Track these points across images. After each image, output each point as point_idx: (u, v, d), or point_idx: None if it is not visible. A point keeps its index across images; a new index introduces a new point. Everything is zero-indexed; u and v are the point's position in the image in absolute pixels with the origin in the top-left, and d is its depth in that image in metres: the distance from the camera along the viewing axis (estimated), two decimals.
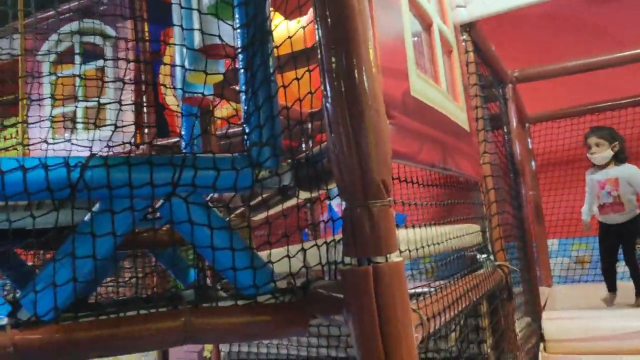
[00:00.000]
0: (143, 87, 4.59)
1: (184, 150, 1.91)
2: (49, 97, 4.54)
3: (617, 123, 4.34)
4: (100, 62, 4.87)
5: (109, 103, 1.82)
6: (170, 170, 1.29)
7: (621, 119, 4.46)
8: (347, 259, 1.17)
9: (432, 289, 1.52)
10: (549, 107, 4.82)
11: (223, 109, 2.98)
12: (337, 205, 3.08)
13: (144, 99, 4.66)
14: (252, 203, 1.58)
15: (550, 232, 4.75)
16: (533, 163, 4.71)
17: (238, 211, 1.75)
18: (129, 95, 4.70)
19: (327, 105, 1.10)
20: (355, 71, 1.07)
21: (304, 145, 1.77)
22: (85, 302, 1.45)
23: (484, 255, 2.28)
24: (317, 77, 1.23)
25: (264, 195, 1.43)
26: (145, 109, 4.54)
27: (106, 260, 1.30)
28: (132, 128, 4.77)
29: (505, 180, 3.07)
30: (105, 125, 1.72)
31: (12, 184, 1.18)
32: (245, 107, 1.42)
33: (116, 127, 1.43)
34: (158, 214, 1.38)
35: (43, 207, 1.32)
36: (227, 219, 1.45)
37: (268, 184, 1.39)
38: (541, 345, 3.02)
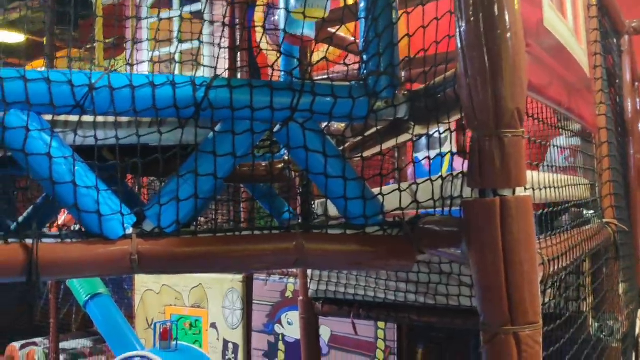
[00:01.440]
0: (237, 31, 4.61)
1: None
2: (149, 40, 4.70)
3: None
4: (197, 6, 4.96)
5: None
6: (290, 95, 1.28)
7: None
8: (468, 193, 1.14)
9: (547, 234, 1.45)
10: None
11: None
12: (426, 158, 2.98)
13: (238, 43, 4.69)
14: (356, 139, 1.56)
15: None
16: None
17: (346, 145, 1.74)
18: (223, 40, 4.76)
19: (461, 27, 1.05)
20: None
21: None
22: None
23: (591, 211, 2.16)
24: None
25: (378, 128, 1.41)
26: (238, 53, 4.58)
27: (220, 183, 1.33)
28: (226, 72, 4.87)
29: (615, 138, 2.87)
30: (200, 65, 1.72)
31: (141, 99, 1.23)
32: (364, 35, 1.39)
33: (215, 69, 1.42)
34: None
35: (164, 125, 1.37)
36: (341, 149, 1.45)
37: (383, 115, 1.36)
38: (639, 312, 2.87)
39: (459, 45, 1.06)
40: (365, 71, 1.36)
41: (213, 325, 4.69)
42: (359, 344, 3.92)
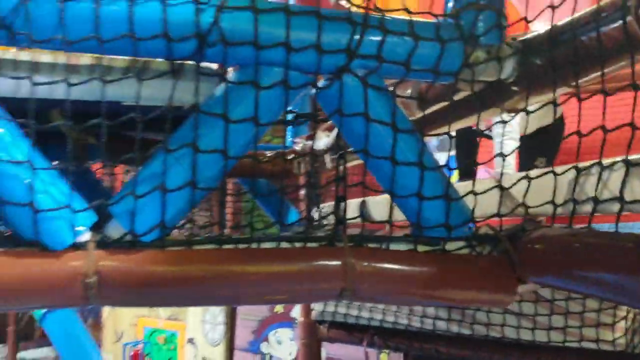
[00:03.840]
0: None
1: None
2: None
3: None
4: None
5: None
6: (347, 31, 0.82)
7: None
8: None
9: None
10: None
11: None
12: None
13: None
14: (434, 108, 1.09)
15: None
16: None
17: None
18: None
19: None
20: None
21: None
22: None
23: None
24: None
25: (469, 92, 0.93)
26: None
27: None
28: None
29: None
30: None
31: (109, 23, 0.74)
32: None
33: None
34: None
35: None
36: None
37: (481, 72, 0.90)
38: None
39: None
40: (457, 5, 0.90)
41: (190, 341, 4.18)
42: None
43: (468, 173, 2.24)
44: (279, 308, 3.80)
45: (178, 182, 0.79)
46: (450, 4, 1.00)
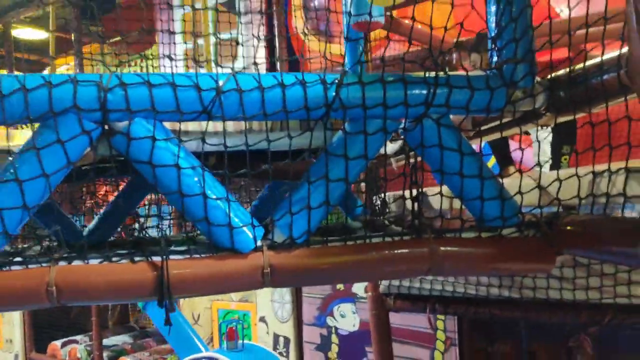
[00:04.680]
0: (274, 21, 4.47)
1: None
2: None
3: None
4: None
5: None
6: (424, 88, 1.18)
7: None
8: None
9: None
10: None
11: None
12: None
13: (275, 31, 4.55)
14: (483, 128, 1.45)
15: None
16: None
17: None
18: (260, 29, 4.63)
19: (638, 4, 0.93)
20: None
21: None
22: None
23: None
24: None
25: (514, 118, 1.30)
26: (277, 41, 4.45)
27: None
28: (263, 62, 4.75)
29: None
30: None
31: (271, 102, 1.13)
32: (496, 19, 1.27)
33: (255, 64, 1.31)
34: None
35: (278, 130, 1.28)
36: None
37: (521, 106, 1.25)
38: None
39: (636, 27, 0.95)
40: (499, 59, 1.25)
41: (262, 319, 4.63)
42: (417, 335, 3.83)
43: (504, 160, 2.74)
44: (340, 286, 4.21)
45: (317, 202, 1.18)
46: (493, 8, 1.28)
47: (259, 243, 1.17)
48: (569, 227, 1.24)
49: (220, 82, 1.09)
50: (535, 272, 1.82)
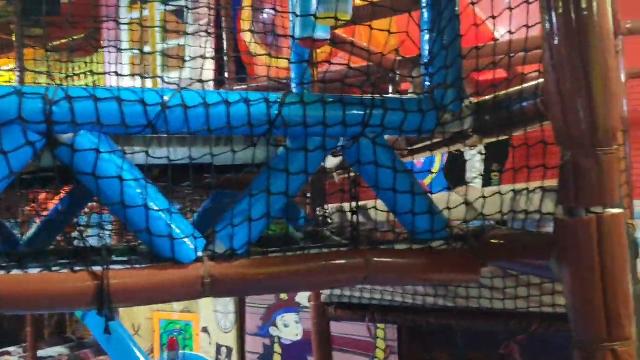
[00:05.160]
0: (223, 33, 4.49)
1: None
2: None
3: None
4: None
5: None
6: (362, 110, 1.26)
7: None
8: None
9: None
10: None
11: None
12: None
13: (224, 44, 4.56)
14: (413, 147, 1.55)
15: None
16: None
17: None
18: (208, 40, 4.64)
19: (552, 41, 1.04)
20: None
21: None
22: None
23: None
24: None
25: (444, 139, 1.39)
26: (225, 56, 4.45)
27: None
28: (211, 72, 4.75)
29: None
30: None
31: (216, 118, 1.18)
32: (429, 47, 1.37)
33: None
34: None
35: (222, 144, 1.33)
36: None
37: (450, 128, 1.35)
38: None
39: (549, 61, 1.05)
40: (431, 83, 1.35)
41: (205, 330, 4.61)
42: (357, 344, 3.91)
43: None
44: (284, 295, 4.25)
45: (258, 214, 1.23)
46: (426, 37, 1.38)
47: (200, 254, 1.21)
48: (493, 241, 1.35)
49: (166, 98, 1.13)
50: (462, 282, 1.93)
